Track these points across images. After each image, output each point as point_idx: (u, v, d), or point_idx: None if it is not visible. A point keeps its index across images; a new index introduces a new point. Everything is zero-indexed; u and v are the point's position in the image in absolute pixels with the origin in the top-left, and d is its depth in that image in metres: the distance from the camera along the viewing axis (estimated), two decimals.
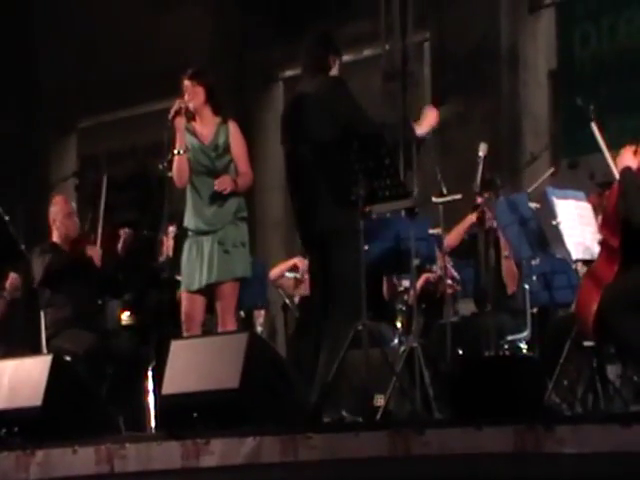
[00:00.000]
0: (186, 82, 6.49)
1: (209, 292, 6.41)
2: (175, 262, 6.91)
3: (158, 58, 11.43)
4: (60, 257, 7.41)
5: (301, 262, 8.38)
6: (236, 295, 6.43)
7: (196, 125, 6.54)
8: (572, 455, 4.38)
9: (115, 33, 11.96)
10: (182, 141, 6.45)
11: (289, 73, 11.56)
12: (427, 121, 6.26)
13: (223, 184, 6.36)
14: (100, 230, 7.46)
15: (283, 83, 11.75)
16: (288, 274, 8.47)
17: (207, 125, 6.53)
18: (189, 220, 6.48)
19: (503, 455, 4.60)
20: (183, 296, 6.47)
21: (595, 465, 3.60)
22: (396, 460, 4.82)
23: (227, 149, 6.49)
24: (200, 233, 6.42)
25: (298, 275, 8.36)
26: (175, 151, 6.44)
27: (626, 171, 5.36)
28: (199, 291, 6.41)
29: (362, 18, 10.56)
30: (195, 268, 6.39)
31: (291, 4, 11.03)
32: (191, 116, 6.50)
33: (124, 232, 7.53)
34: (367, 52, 10.65)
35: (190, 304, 6.42)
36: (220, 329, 6.39)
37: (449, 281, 7.26)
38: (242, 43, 11.55)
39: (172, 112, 6.43)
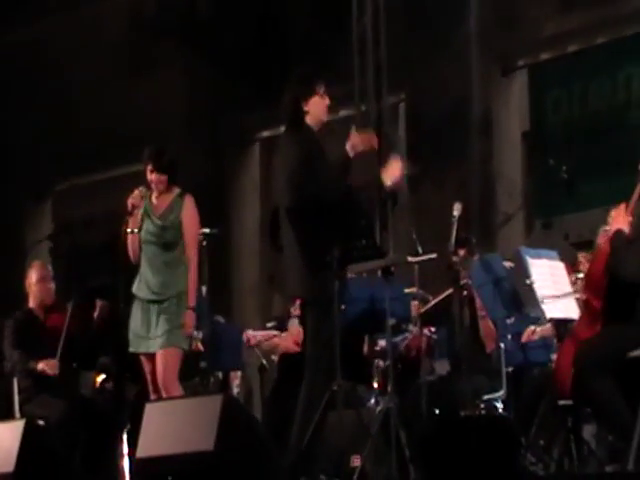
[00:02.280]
0: (148, 168, 6.57)
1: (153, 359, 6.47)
2: None
3: (134, 121, 11.49)
4: (34, 326, 7.39)
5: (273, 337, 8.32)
6: (177, 363, 6.44)
7: (154, 196, 6.63)
8: None
9: (90, 96, 12.02)
10: (136, 222, 6.51)
11: (265, 134, 11.64)
12: (391, 171, 6.20)
13: (188, 327, 6.39)
14: (72, 298, 7.43)
15: (260, 145, 11.82)
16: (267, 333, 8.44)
17: (164, 195, 6.62)
18: (137, 286, 6.54)
19: None
20: (142, 358, 6.50)
21: None
22: None
23: (178, 224, 6.53)
24: (146, 301, 6.47)
25: (277, 333, 8.33)
26: (129, 230, 6.51)
27: (618, 233, 5.48)
28: (151, 355, 6.46)
29: (337, 79, 10.66)
30: (140, 333, 6.47)
31: (267, 66, 11.13)
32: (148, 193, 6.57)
33: (100, 304, 7.51)
34: (342, 113, 10.75)
35: (149, 364, 6.48)
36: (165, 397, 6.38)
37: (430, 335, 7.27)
38: (218, 105, 11.62)
39: (130, 205, 6.47)
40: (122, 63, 12.04)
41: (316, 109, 6.19)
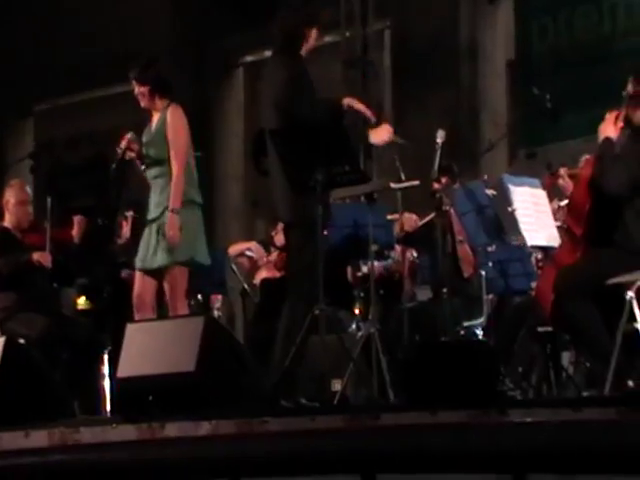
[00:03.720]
0: (133, 82, 6.48)
1: (160, 277, 6.41)
2: (132, 246, 6.88)
3: (116, 42, 11.37)
4: (12, 242, 7.34)
5: (255, 247, 8.38)
6: (183, 280, 6.40)
7: (153, 118, 6.54)
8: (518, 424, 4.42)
9: (73, 16, 11.88)
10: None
11: (249, 59, 11.55)
12: (380, 134, 6.20)
13: (170, 233, 6.30)
14: (50, 217, 7.35)
15: (243, 69, 11.73)
16: (248, 253, 8.47)
17: (158, 113, 6.53)
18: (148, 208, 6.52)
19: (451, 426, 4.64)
20: (136, 276, 6.47)
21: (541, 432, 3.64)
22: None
23: (163, 138, 6.41)
24: (150, 221, 6.44)
25: (254, 255, 8.36)
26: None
27: (606, 142, 5.46)
28: (150, 273, 6.41)
29: (322, 5, 10.55)
30: (145, 250, 6.42)
31: None
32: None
33: (78, 219, 7.45)
34: (327, 39, 10.65)
35: (140, 285, 6.44)
36: (171, 315, 6.38)
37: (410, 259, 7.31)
38: (201, 29, 11.51)
39: (120, 150, 6.40)
40: None
41: (311, 41, 6.16)
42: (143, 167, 6.49)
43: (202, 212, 6.58)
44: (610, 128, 5.45)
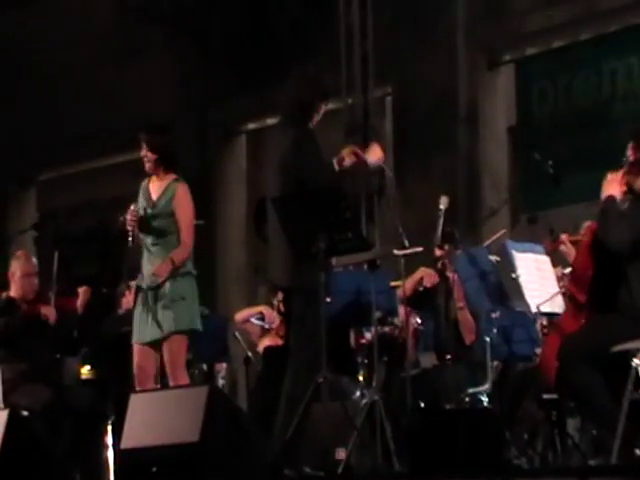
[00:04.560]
0: (142, 144, 6.55)
1: (160, 347, 6.41)
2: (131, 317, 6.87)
3: (120, 111, 11.45)
4: (17, 314, 7.36)
5: (267, 311, 8.37)
6: (183, 349, 6.40)
7: (151, 183, 6.60)
8: None
9: (76, 84, 11.98)
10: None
11: (252, 126, 11.62)
12: (374, 153, 6.23)
13: (159, 272, 6.36)
14: (54, 287, 7.39)
15: (246, 136, 11.80)
16: (254, 321, 8.46)
17: (160, 183, 6.58)
18: (139, 277, 6.53)
19: None
20: (135, 349, 6.46)
21: None
22: None
23: (170, 211, 6.48)
24: (146, 289, 6.45)
25: (265, 325, 8.35)
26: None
27: (609, 199, 5.46)
28: (149, 344, 6.41)
29: (324, 72, 10.65)
30: (142, 322, 6.42)
31: (254, 58, 11.11)
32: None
33: (82, 290, 7.47)
34: (329, 106, 10.73)
35: (141, 356, 6.43)
36: (172, 385, 6.35)
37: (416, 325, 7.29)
38: (205, 96, 11.60)
39: (130, 222, 6.44)
40: (108, 54, 11.99)
41: (318, 117, 6.25)
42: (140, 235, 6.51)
43: (203, 279, 6.62)
44: (613, 187, 5.46)
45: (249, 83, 10.98)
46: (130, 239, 6.44)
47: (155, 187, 6.58)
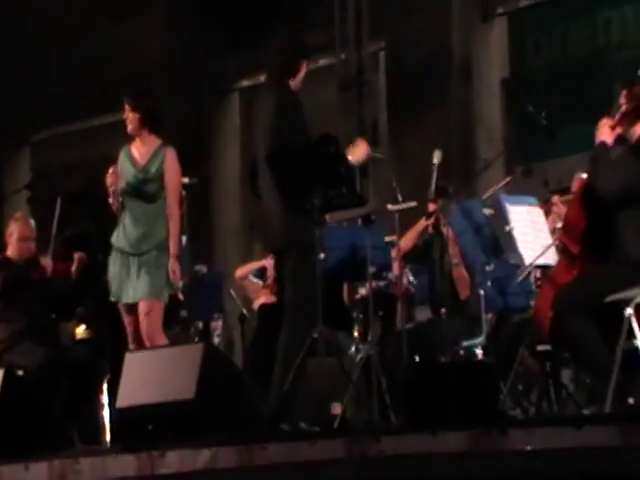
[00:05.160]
0: (125, 105, 6.52)
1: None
2: None
3: (112, 69, 11.40)
4: (13, 272, 7.35)
5: (269, 264, 8.36)
6: (160, 315, 6.40)
7: (134, 147, 6.56)
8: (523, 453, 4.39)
9: (68, 44, 11.90)
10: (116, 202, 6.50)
11: (245, 83, 11.57)
12: (357, 152, 6.23)
13: (174, 277, 6.37)
14: (52, 250, 7.38)
15: (239, 93, 11.75)
16: (252, 278, 8.46)
17: (145, 147, 6.54)
18: (117, 237, 6.51)
19: (455, 454, 4.61)
20: (121, 308, 6.48)
21: (546, 461, 3.61)
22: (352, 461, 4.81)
23: (160, 176, 6.47)
24: (126, 253, 6.45)
25: (261, 282, 8.35)
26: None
27: (601, 145, 5.45)
28: (132, 306, 6.44)
29: (317, 27, 10.58)
30: (123, 283, 6.43)
31: (246, 14, 11.04)
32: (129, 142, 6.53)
33: (78, 256, 7.47)
34: (322, 62, 10.68)
35: (127, 315, 6.47)
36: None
37: (406, 283, 7.29)
38: (197, 54, 11.54)
39: (108, 184, 6.45)
40: (100, 10, 11.91)
41: (302, 73, 6.24)
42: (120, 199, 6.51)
43: (199, 236, 6.63)
44: (606, 133, 5.45)
45: (243, 40, 10.92)
46: (112, 202, 6.44)
47: (141, 152, 6.54)
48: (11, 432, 5.92)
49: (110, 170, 6.51)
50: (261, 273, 8.41)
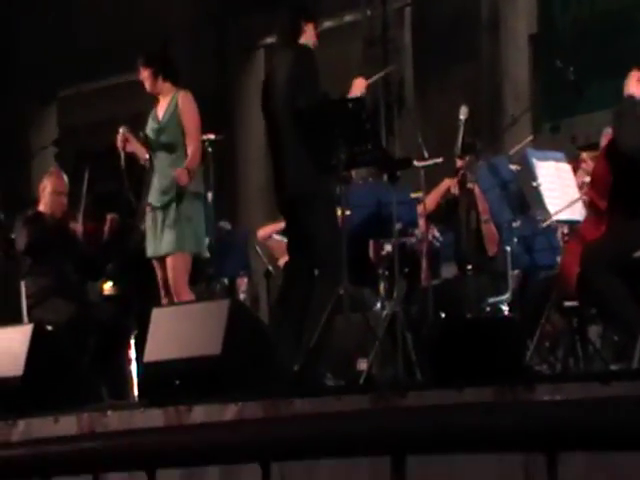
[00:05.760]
0: (139, 66, 6.51)
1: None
2: None
3: (138, 27, 11.36)
4: (45, 227, 7.39)
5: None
6: (185, 269, 6.42)
7: (158, 106, 6.56)
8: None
9: (94, 1, 11.87)
10: (143, 155, 6.47)
11: (270, 40, 11.50)
12: (356, 87, 6.28)
13: (180, 177, 6.32)
14: (82, 209, 7.43)
15: (264, 50, 11.70)
16: (276, 236, 8.45)
17: (164, 100, 6.55)
18: (150, 194, 6.55)
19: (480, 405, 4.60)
20: (154, 263, 6.51)
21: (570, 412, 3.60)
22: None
23: (177, 124, 6.44)
24: (154, 207, 6.45)
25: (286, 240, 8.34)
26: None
27: (628, 99, 5.38)
28: (160, 260, 6.46)
29: None
30: (151, 238, 6.46)
31: None
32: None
33: (110, 218, 7.50)
34: (348, 18, 10.61)
35: (160, 269, 6.49)
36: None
37: (432, 240, 7.27)
38: (223, 11, 11.48)
39: (119, 145, 6.45)
40: None
41: (309, 35, 6.27)
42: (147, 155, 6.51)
43: (224, 194, 6.63)
44: (634, 85, 5.37)
45: None
46: (122, 162, 6.45)
47: (161, 105, 6.56)
48: (40, 386, 5.97)
49: (120, 130, 6.51)
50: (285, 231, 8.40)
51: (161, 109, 6.54)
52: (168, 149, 6.46)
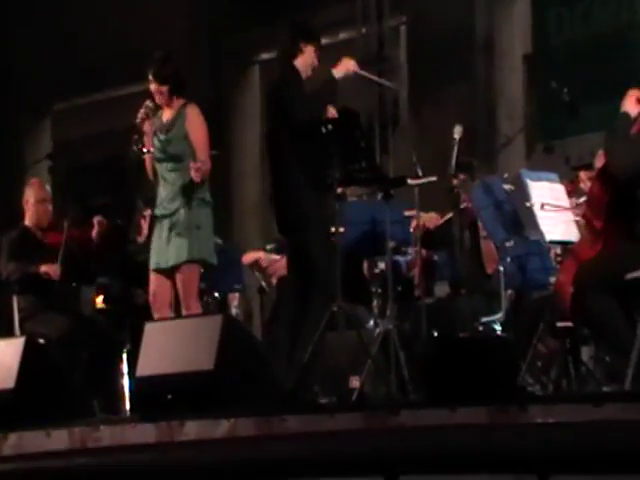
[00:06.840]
0: (151, 78, 6.51)
1: (173, 275, 6.43)
2: (150, 245, 6.89)
3: (134, 40, 11.38)
4: (30, 238, 7.38)
5: (265, 258, 8.30)
6: (195, 278, 6.40)
7: (164, 115, 6.59)
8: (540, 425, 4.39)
9: (90, 14, 11.90)
10: (150, 143, 6.46)
11: (265, 56, 11.54)
12: (343, 65, 6.39)
13: (197, 172, 6.32)
14: (69, 216, 7.42)
15: (259, 66, 11.73)
16: (263, 258, 8.44)
17: (170, 110, 6.58)
18: (156, 206, 6.54)
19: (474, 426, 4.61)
20: (151, 276, 6.49)
21: (562, 435, 3.61)
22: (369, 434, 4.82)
23: (184, 136, 6.47)
24: (161, 217, 6.44)
25: (279, 257, 8.34)
26: (145, 150, 6.48)
27: (623, 116, 5.39)
28: (164, 272, 6.41)
29: (339, 1, 10.55)
30: (157, 249, 6.43)
31: None
32: (158, 110, 6.53)
33: (98, 220, 7.48)
34: (343, 35, 10.65)
35: (156, 283, 6.45)
36: (185, 313, 6.38)
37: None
38: (218, 26, 11.51)
39: (139, 118, 6.44)
40: None
41: (308, 56, 6.40)
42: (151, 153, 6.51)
43: (219, 209, 6.64)
44: (631, 104, 5.38)
45: (263, 12, 10.88)
46: (136, 141, 6.43)
47: (167, 115, 6.58)
48: (32, 400, 5.96)
49: (147, 103, 6.48)
50: (280, 247, 8.39)
51: (167, 120, 6.55)
52: (175, 160, 6.47)
